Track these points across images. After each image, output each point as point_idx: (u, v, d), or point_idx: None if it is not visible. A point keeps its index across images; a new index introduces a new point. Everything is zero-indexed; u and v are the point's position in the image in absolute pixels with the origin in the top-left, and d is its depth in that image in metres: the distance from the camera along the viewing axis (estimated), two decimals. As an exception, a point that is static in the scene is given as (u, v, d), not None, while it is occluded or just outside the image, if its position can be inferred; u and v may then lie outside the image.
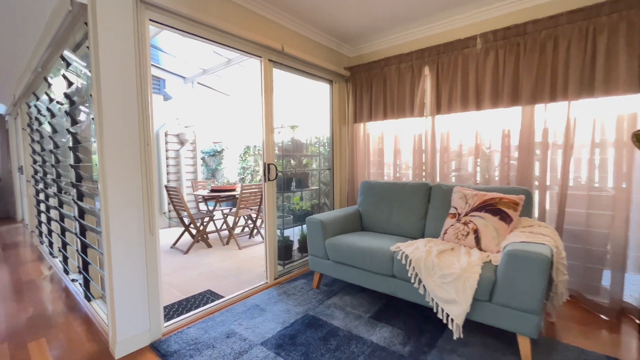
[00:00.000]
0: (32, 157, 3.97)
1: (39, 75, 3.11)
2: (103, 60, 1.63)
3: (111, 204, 1.67)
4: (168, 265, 3.41)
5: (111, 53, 1.65)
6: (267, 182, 2.63)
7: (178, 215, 4.13)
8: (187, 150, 5.65)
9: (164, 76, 5.26)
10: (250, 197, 4.12)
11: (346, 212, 2.75)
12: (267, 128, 2.62)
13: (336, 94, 3.36)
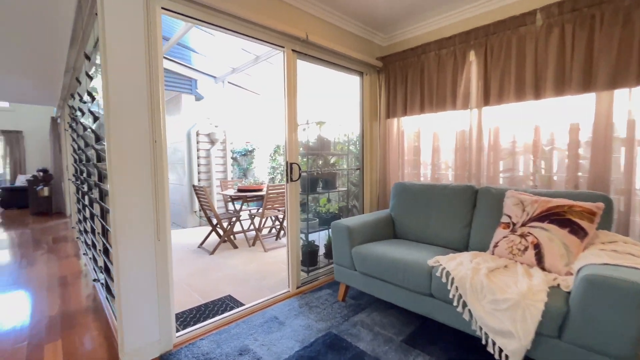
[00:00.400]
0: (73, 156, 4.16)
1: (73, 75, 3.19)
2: (110, 51, 1.52)
3: (117, 205, 1.55)
4: (192, 266, 3.36)
5: (118, 43, 1.54)
6: (289, 183, 2.43)
7: (205, 215, 4.10)
8: (218, 149, 5.67)
9: (195, 76, 5.31)
10: (277, 198, 3.96)
11: (376, 216, 2.47)
12: (290, 124, 2.42)
13: (367, 87, 3.07)
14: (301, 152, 2.68)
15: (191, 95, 5.38)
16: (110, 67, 1.52)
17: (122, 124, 1.56)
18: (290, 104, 2.42)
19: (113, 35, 1.52)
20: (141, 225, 1.63)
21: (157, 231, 1.69)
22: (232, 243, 4.04)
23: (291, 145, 2.43)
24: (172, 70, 5.03)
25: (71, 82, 3.45)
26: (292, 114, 2.43)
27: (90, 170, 2.76)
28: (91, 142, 2.38)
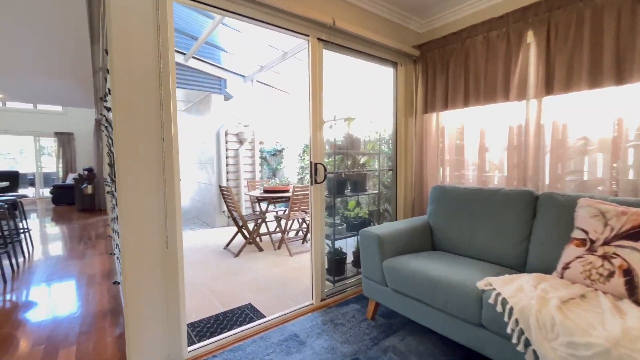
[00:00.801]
0: (107, 156, 4.29)
1: (102, 75, 3.23)
2: (116, 44, 1.39)
3: (123, 208, 1.43)
4: (216, 269, 3.26)
5: (125, 35, 1.41)
6: (314, 185, 2.21)
7: (231, 215, 4.01)
8: (246, 149, 5.62)
9: (225, 76, 5.29)
10: (303, 199, 3.77)
11: (412, 224, 2.17)
12: (315, 121, 2.20)
13: (401, 78, 2.76)
14: (328, 152, 2.45)
15: (220, 95, 5.37)
16: (116, 60, 1.40)
17: (129, 120, 1.43)
18: (316, 99, 2.20)
19: (119, 25, 1.40)
20: (148, 231, 1.49)
21: (166, 238, 1.55)
22: (257, 245, 3.91)
23: (316, 144, 2.21)
24: (202, 70, 5.04)
25: (101, 82, 3.51)
26: (317, 110, 2.21)
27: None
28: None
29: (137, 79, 1.45)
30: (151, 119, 1.49)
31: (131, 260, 1.46)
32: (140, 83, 1.46)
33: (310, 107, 2.19)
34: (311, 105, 2.19)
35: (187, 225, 5.67)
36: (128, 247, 1.45)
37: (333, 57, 2.36)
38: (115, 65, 1.40)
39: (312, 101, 2.19)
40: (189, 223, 5.85)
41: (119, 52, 1.40)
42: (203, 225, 5.64)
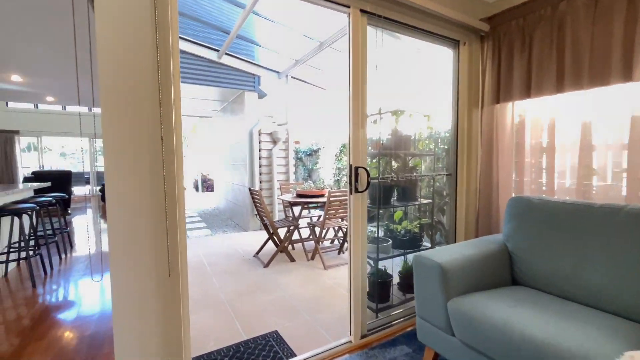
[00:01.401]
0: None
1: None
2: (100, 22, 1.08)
3: (111, 222, 1.11)
4: (243, 282, 2.95)
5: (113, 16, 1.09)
6: (353, 194, 1.77)
7: (261, 221, 3.71)
8: (280, 149, 5.33)
9: (258, 72, 5.05)
10: (340, 205, 3.35)
11: (483, 248, 1.64)
12: (355, 115, 1.76)
13: (464, 60, 2.22)
14: (371, 152, 2.00)
15: (254, 93, 5.13)
16: (102, 42, 1.08)
17: (119, 114, 1.11)
18: (357, 88, 1.76)
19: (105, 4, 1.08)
20: (139, 253, 1.16)
21: (168, 264, 1.21)
22: (289, 255, 3.56)
23: (357, 144, 1.77)
24: (235, 67, 4.84)
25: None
26: (358, 101, 1.76)
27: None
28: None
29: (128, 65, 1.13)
30: (145, 112, 1.16)
31: (122, 290, 1.14)
32: (131, 69, 1.13)
33: (351, 98, 1.76)
34: (351, 96, 1.75)
35: (220, 227, 5.53)
36: (119, 274, 1.13)
37: (379, 37, 1.90)
38: (102, 47, 1.09)
39: (352, 90, 1.75)
40: (222, 225, 5.72)
41: (106, 34, 1.09)
42: (236, 227, 5.46)
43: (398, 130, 2.21)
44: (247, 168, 5.16)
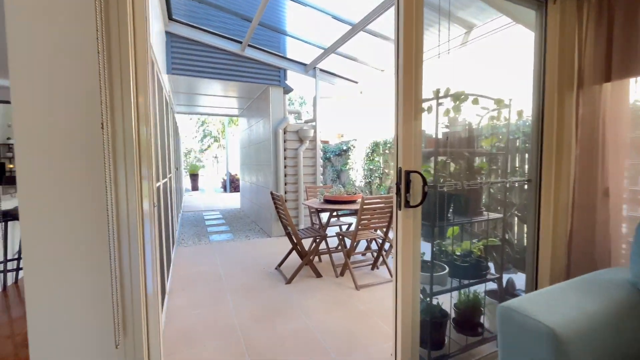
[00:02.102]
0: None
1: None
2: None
3: (27, 261, 0.70)
4: (260, 302, 2.54)
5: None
6: (403, 210, 1.26)
7: (285, 230, 3.29)
8: (307, 148, 4.89)
9: (284, 65, 4.65)
10: (374, 214, 2.83)
11: (608, 295, 1.06)
12: (406, 102, 1.25)
13: (554, 25, 1.62)
14: (423, 151, 1.48)
15: (279, 88, 4.74)
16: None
17: (35, 90, 0.70)
18: (409, 67, 1.25)
19: None
20: (73, 309, 0.74)
21: (117, 326, 0.78)
22: (315, 269, 3.10)
23: (409, 140, 1.26)
24: (258, 59, 4.47)
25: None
26: (411, 86, 1.25)
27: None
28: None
29: (52, 28, 0.71)
30: (78, 90, 0.74)
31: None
32: (56, 32, 0.72)
33: (400, 83, 1.25)
34: (401, 79, 1.25)
35: (243, 231, 5.21)
36: (36, 344, 0.72)
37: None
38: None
39: (402, 71, 1.25)
40: (245, 229, 5.40)
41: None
42: (259, 232, 5.11)
43: (458, 120, 1.66)
44: (272, 169, 4.78)
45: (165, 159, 3.15)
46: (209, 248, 4.21)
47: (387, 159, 5.82)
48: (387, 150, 5.76)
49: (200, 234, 5.06)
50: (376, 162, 5.99)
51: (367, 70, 4.85)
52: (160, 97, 3.03)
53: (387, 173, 5.79)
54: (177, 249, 4.12)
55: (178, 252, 3.97)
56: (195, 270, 3.31)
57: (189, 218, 6.51)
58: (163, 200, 2.54)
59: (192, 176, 13.33)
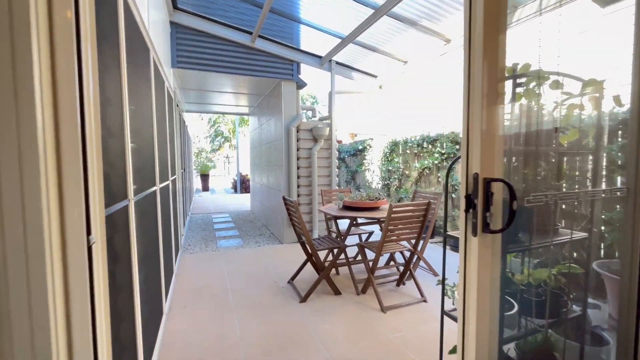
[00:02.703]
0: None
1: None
2: None
3: None
4: (267, 327, 2.18)
5: None
6: (480, 236, 0.87)
7: (298, 239, 2.93)
8: (322, 148, 4.52)
9: (297, 58, 4.29)
10: (404, 224, 2.44)
11: None
12: (489, 80, 0.85)
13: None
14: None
15: (292, 82, 4.38)
16: None
17: None
18: (491, 27, 0.86)
19: None
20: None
21: None
22: (333, 286, 2.72)
23: (489, 134, 0.86)
24: (270, 52, 4.13)
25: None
26: (495, 52, 0.86)
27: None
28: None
29: None
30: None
31: None
32: None
33: (476, 43, 0.86)
34: (479, 38, 0.86)
35: (253, 236, 4.88)
36: None
37: None
38: None
39: (481, 28, 0.86)
40: (255, 234, 5.07)
41: None
42: (270, 238, 4.77)
43: (533, 108, 1.25)
44: (284, 170, 4.43)
45: (166, 161, 2.84)
46: (216, 255, 3.89)
47: (407, 159, 5.40)
48: (408, 150, 5.33)
49: (208, 239, 4.76)
50: (396, 162, 5.57)
51: (388, 63, 4.45)
52: (161, 92, 2.72)
53: (408, 175, 5.37)
54: (182, 257, 3.81)
55: (183, 261, 3.67)
56: (200, 283, 2.99)
57: (197, 221, 6.24)
58: (161, 207, 2.21)
59: (203, 176, 13.16)
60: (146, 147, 1.99)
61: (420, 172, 5.07)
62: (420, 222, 2.49)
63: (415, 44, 3.78)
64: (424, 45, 3.74)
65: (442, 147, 4.60)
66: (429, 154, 4.82)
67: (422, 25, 3.27)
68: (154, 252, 2.01)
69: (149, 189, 1.93)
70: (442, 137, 4.61)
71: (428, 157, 4.79)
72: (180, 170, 4.51)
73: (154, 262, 2.04)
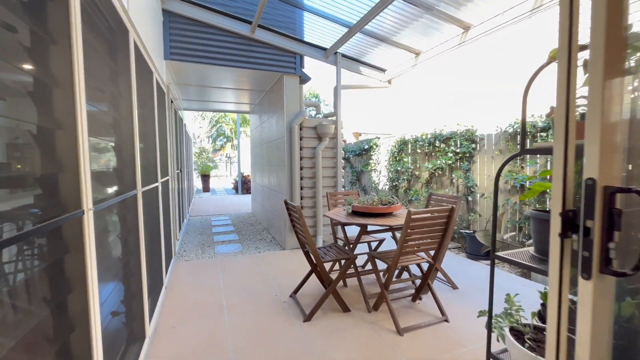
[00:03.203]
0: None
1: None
2: None
3: None
4: (271, 352, 1.87)
5: None
6: (595, 279, 0.55)
7: (302, 248, 2.62)
8: (327, 147, 4.21)
9: (300, 50, 3.98)
10: (424, 232, 2.12)
11: None
12: (606, 36, 0.54)
13: None
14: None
15: (295, 77, 4.08)
16: None
17: None
18: None
19: None
20: None
21: None
22: (341, 302, 2.41)
23: (611, 123, 0.55)
24: (271, 43, 3.82)
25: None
26: (619, 6, 0.54)
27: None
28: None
29: None
30: None
31: None
32: None
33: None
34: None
35: (253, 241, 4.58)
36: None
37: None
38: None
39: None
40: (256, 238, 4.77)
41: None
42: (271, 243, 4.46)
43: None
44: (286, 170, 4.12)
45: (154, 161, 2.54)
46: (213, 263, 3.59)
47: (416, 159, 5.07)
48: (419, 150, 5.00)
49: (205, 244, 4.46)
50: (405, 162, 5.24)
51: (398, 55, 4.12)
52: (147, 83, 2.42)
53: (418, 176, 5.04)
54: (176, 265, 3.52)
55: (176, 269, 3.37)
56: (192, 297, 2.68)
57: (196, 224, 5.95)
58: (144, 213, 1.91)
59: (203, 177, 12.89)
60: (124, 145, 1.69)
61: (431, 173, 4.74)
62: (443, 231, 2.18)
63: (430, 33, 3.46)
64: (440, 34, 3.42)
65: (457, 145, 4.27)
66: (441, 154, 4.49)
67: (440, 10, 2.95)
68: (133, 270, 1.71)
69: (127, 192, 1.63)
70: (456, 135, 4.28)
71: (441, 157, 4.47)
72: (175, 171, 4.22)
73: (134, 281, 1.74)
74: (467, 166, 4.10)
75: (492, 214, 1.26)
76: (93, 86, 1.19)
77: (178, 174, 4.66)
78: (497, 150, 3.75)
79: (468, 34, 3.15)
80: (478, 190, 4.01)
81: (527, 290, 2.69)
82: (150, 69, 2.47)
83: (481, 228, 3.95)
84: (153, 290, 2.30)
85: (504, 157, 3.67)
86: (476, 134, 4.05)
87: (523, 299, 1.35)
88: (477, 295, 2.67)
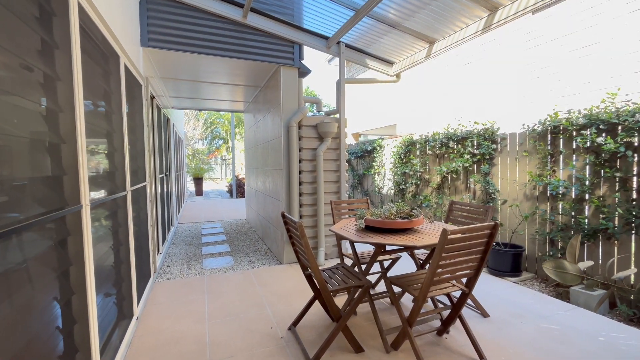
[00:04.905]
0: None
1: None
2: None
3: None
4: None
5: None
6: None
7: (303, 270, 2.15)
8: (329, 149, 3.75)
9: (299, 39, 3.52)
10: (461, 255, 1.65)
11: None
12: None
13: None
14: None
15: (293, 69, 3.61)
16: None
17: None
18: None
19: None
20: None
21: None
22: (351, 340, 1.93)
23: None
24: (266, 30, 3.36)
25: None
26: None
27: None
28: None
29: None
30: None
31: None
32: None
33: None
34: None
35: (246, 253, 4.09)
36: None
37: None
38: None
39: None
40: (249, 249, 4.27)
41: None
42: (267, 256, 3.97)
43: None
44: (283, 174, 3.65)
45: (122, 165, 2.05)
46: (199, 282, 3.10)
47: (426, 161, 4.62)
48: (429, 151, 4.55)
49: (191, 257, 3.97)
50: (414, 164, 4.78)
51: (408, 45, 3.68)
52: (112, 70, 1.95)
53: (428, 180, 4.59)
54: (155, 286, 3.02)
55: (154, 292, 2.87)
56: (168, 330, 2.20)
57: (184, 232, 5.45)
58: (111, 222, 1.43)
59: (196, 180, 12.36)
60: (62, 145, 1.21)
61: (443, 177, 4.29)
62: (482, 253, 1.72)
63: (449, 17, 3.01)
64: (461, 18, 2.98)
65: (474, 146, 3.82)
66: (456, 155, 4.04)
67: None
68: (75, 312, 1.23)
69: (67, 208, 1.15)
70: (472, 134, 3.84)
71: (456, 159, 4.02)
72: (159, 175, 3.73)
73: (78, 327, 1.25)
74: (487, 169, 3.65)
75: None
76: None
77: (162, 178, 4.17)
78: (523, 151, 3.30)
79: (496, 15, 2.71)
80: (499, 196, 3.57)
81: (582, 321, 2.23)
82: (114, 50, 1.99)
83: (503, 240, 3.50)
84: (115, 328, 1.81)
85: (531, 160, 3.23)
86: (497, 132, 3.61)
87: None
88: (515, 324, 2.21)
